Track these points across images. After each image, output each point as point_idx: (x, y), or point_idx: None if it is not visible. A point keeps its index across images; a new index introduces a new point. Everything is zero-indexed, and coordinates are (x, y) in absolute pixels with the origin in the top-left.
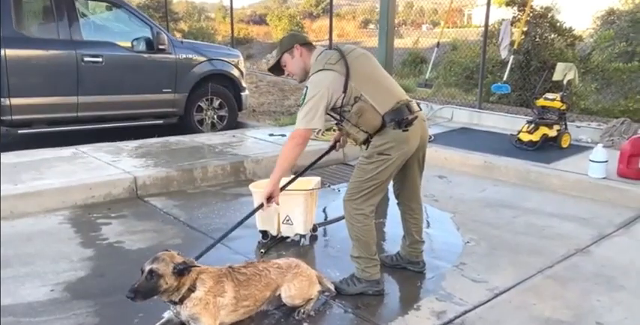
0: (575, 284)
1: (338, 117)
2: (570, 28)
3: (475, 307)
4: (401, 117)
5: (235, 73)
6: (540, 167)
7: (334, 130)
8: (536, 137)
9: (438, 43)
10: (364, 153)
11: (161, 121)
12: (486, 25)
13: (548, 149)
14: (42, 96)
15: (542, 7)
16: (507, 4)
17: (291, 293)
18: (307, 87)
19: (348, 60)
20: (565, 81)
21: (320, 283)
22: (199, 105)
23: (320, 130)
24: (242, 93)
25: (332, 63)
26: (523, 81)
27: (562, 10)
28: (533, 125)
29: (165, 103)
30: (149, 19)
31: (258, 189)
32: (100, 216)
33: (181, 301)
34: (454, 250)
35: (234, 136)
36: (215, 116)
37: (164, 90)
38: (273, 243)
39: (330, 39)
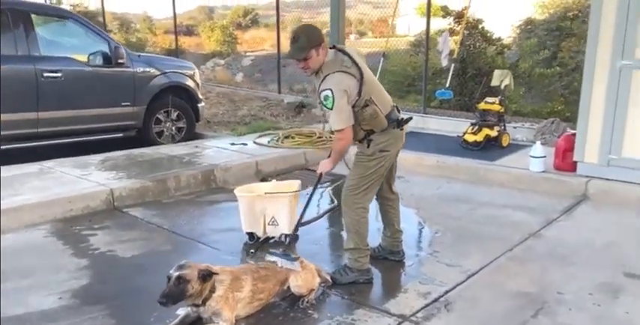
0: (534, 263)
1: None
2: (499, 37)
3: (454, 287)
4: (398, 118)
5: (191, 84)
6: (487, 164)
7: (292, 137)
8: (480, 137)
9: (384, 53)
10: (365, 151)
11: (121, 134)
12: (427, 36)
13: (490, 148)
14: (3, 112)
15: (474, 19)
16: (443, 16)
17: (298, 283)
18: (331, 90)
19: (359, 65)
20: (502, 87)
21: (319, 275)
22: (157, 118)
23: (279, 138)
24: (199, 105)
25: (348, 66)
26: (460, 87)
27: (484, 20)
28: (476, 127)
29: (125, 117)
30: (105, 33)
31: (244, 194)
32: (83, 228)
33: (204, 303)
34: (425, 240)
35: (196, 147)
36: (173, 128)
37: (123, 103)
38: (259, 244)
39: (279, 51)
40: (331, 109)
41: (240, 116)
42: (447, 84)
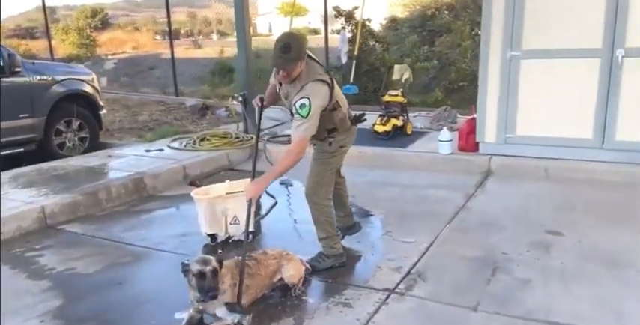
0: (472, 232)
1: None
2: (385, 35)
3: (418, 259)
4: (353, 116)
5: (91, 91)
6: (401, 151)
7: (207, 139)
8: (389, 127)
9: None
10: (328, 148)
11: (22, 149)
12: (326, 35)
13: (398, 136)
14: None
15: (362, 19)
16: (336, 16)
17: (290, 273)
18: (309, 99)
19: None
20: (403, 80)
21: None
22: (58, 128)
23: (195, 141)
24: (100, 112)
25: (321, 74)
26: (358, 82)
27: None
28: (385, 118)
29: (24, 129)
30: None
31: (201, 196)
32: (24, 250)
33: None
34: (375, 223)
35: (109, 156)
36: (76, 138)
37: (21, 115)
38: (221, 244)
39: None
40: (304, 117)
41: (141, 122)
42: (352, 80)
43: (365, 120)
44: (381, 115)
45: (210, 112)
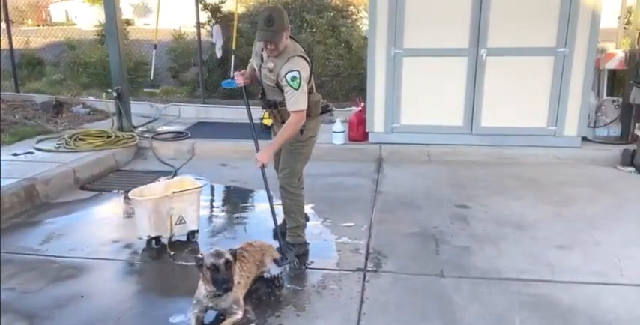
0: (398, 211)
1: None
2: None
3: (369, 240)
4: (322, 104)
5: None
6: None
7: (81, 139)
8: None
9: (155, 45)
10: (300, 137)
11: None
12: (198, 28)
13: None
14: None
15: (228, 12)
16: (203, 9)
17: (273, 264)
18: (299, 71)
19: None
20: None
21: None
22: None
23: (69, 141)
24: None
25: (304, 51)
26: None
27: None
28: None
29: None
30: None
31: (144, 198)
32: None
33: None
34: (309, 212)
35: None
36: None
37: None
38: (168, 246)
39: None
40: (296, 89)
41: None
42: (231, 75)
43: (331, 110)
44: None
45: (65, 109)
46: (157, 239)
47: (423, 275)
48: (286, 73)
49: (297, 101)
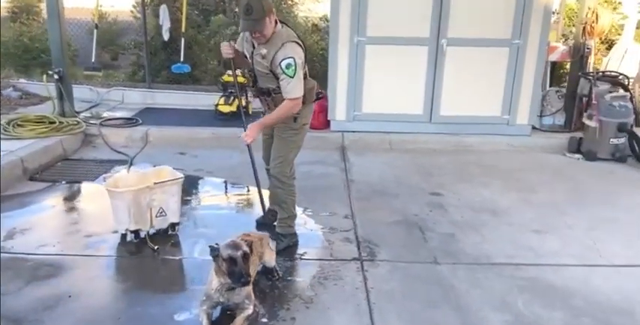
0: (373, 200)
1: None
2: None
3: (354, 227)
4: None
5: None
6: None
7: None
8: (234, 108)
9: (97, 24)
10: (293, 125)
11: None
12: (143, 7)
13: (238, 117)
14: None
15: None
16: None
17: (271, 255)
18: (293, 58)
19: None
20: None
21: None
22: None
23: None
24: None
25: (297, 36)
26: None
27: None
28: (232, 98)
29: None
30: None
31: (113, 189)
32: None
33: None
34: None
35: None
36: None
37: None
38: (145, 239)
39: None
40: (292, 77)
41: None
42: (182, 59)
43: (322, 97)
44: (225, 95)
45: None
46: (136, 232)
47: (419, 263)
48: (281, 61)
49: (293, 88)
